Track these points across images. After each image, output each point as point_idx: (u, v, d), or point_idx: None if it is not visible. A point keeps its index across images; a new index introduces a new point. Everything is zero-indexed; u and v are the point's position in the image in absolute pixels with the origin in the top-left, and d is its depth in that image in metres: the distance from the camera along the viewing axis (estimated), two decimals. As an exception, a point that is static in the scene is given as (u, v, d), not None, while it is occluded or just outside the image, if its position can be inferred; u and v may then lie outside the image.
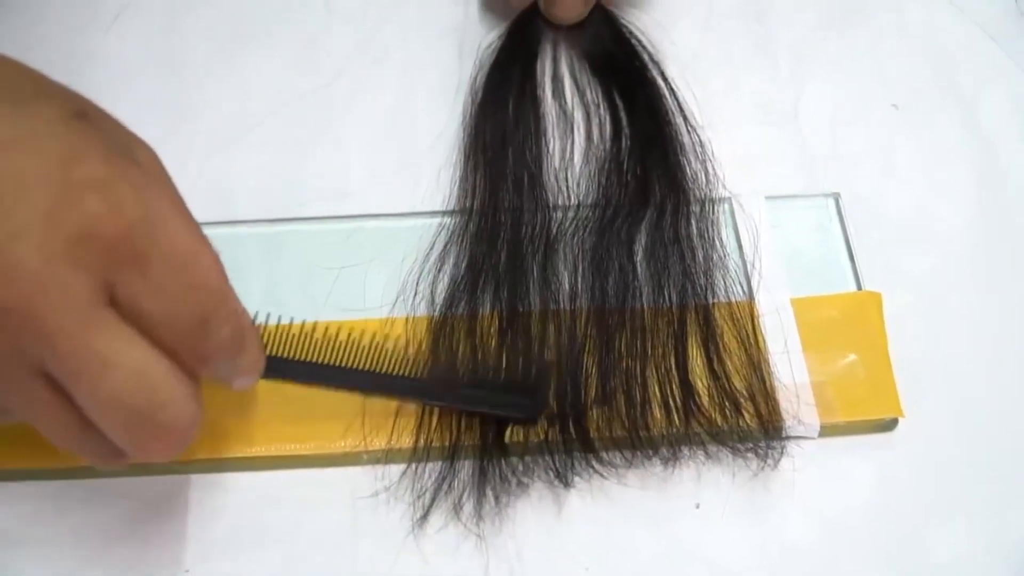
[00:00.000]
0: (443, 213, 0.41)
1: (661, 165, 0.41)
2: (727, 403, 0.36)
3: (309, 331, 0.36)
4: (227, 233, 0.40)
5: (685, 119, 0.43)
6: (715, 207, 0.41)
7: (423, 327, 0.38)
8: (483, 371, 0.36)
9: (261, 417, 0.36)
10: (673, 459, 0.36)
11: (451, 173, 0.42)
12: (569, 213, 0.41)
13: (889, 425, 0.38)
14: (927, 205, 0.43)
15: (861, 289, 0.40)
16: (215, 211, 0.40)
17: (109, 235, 0.24)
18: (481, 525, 0.35)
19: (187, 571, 0.34)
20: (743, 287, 0.39)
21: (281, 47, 0.46)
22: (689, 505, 0.36)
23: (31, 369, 0.25)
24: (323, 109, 0.45)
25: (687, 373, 0.37)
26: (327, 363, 0.35)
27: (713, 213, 0.41)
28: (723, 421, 0.36)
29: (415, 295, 0.39)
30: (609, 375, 0.36)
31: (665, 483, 0.36)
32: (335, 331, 0.36)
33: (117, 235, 0.24)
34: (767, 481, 0.36)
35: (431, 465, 0.36)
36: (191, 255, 0.26)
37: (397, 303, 0.39)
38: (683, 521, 0.36)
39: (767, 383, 0.37)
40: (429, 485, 0.36)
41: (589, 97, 0.45)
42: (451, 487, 0.35)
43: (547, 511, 0.36)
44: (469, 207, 0.41)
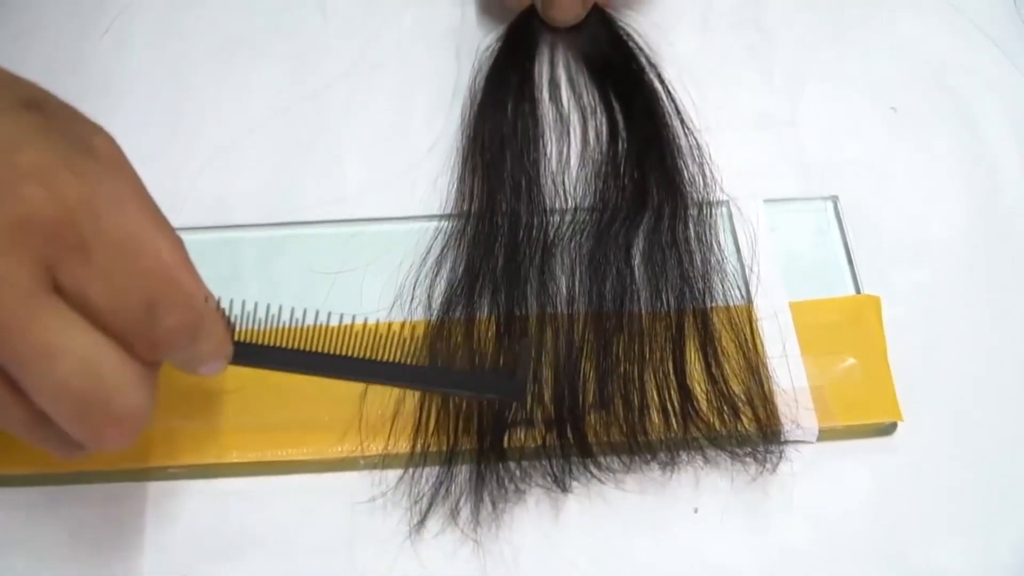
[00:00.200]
0: (440, 217, 0.41)
1: (659, 168, 0.41)
2: (725, 407, 0.36)
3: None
4: (225, 237, 0.40)
5: (683, 122, 0.43)
6: (713, 211, 0.41)
7: (420, 331, 0.38)
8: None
9: (258, 422, 0.36)
10: (671, 464, 0.36)
11: (448, 177, 0.42)
12: (567, 217, 0.40)
13: (888, 429, 0.38)
14: (925, 209, 0.43)
15: (860, 293, 0.40)
16: (213, 215, 0.41)
17: (48, 221, 0.24)
18: (478, 530, 0.35)
19: (185, 577, 0.34)
20: (741, 291, 0.39)
21: (278, 52, 0.46)
22: (687, 510, 0.36)
23: None
24: (320, 113, 0.45)
25: (685, 377, 0.37)
26: (303, 349, 0.33)
27: (711, 217, 0.41)
28: (721, 425, 0.36)
29: (412, 299, 0.39)
30: (607, 379, 0.36)
31: (663, 488, 0.36)
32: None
33: (57, 221, 0.24)
34: (766, 485, 0.36)
35: (428, 470, 0.36)
36: (139, 241, 0.25)
37: (394, 307, 0.39)
38: (681, 526, 0.36)
39: (765, 387, 0.37)
40: (426, 490, 0.35)
41: (587, 100, 0.44)
42: (448, 492, 0.35)
43: (544, 516, 0.36)
44: (466, 211, 0.41)
